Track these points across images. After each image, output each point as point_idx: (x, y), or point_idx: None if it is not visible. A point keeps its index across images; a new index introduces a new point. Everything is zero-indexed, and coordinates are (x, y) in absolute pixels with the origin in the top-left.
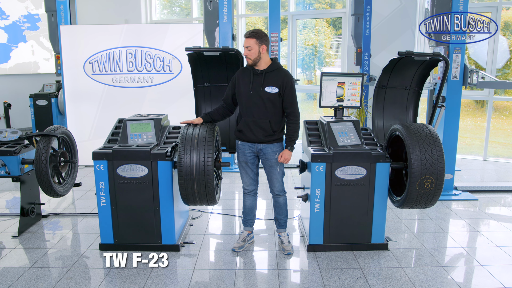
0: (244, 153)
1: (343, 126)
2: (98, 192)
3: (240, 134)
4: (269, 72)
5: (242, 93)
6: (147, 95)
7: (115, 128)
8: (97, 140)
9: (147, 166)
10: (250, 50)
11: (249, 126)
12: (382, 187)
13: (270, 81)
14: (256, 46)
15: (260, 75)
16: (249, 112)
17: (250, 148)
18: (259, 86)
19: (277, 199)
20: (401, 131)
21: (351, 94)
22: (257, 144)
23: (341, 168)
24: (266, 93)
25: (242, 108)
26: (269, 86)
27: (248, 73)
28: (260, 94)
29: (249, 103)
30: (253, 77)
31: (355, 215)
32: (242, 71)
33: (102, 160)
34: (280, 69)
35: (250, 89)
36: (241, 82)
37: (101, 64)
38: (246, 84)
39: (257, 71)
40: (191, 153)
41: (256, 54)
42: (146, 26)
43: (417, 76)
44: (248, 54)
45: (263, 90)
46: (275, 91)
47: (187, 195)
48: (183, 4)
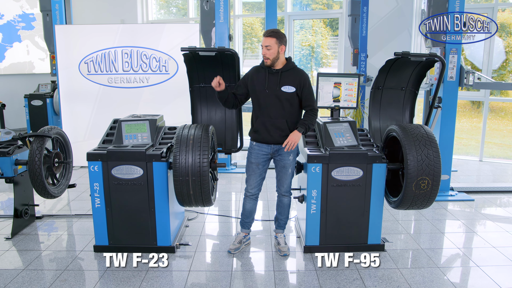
0: (258, 155)
1: (339, 127)
2: (92, 193)
3: (256, 135)
4: (285, 71)
5: (257, 93)
6: (143, 96)
7: (110, 129)
8: (92, 141)
9: (142, 167)
10: (269, 50)
11: (265, 126)
12: (378, 188)
13: (286, 80)
14: (275, 46)
15: (275, 74)
16: (265, 112)
17: (266, 149)
18: (275, 85)
19: (282, 199)
20: (397, 132)
21: (347, 95)
22: (274, 145)
23: (338, 169)
24: (283, 93)
25: (257, 108)
26: (285, 85)
27: (263, 72)
28: (277, 94)
29: (265, 103)
30: (269, 76)
31: (351, 216)
32: (255, 70)
33: (96, 161)
34: (295, 68)
35: (266, 89)
36: (256, 82)
37: (97, 64)
38: (261, 84)
39: (273, 70)
40: (187, 154)
41: (275, 54)
42: (142, 26)
43: (413, 77)
44: (266, 54)
45: (279, 89)
46: (292, 90)
47: (183, 197)
48: (180, 4)
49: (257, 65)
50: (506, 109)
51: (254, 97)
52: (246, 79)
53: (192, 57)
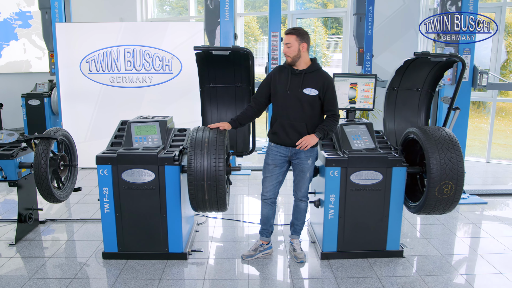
0: (275, 156)
1: (356, 129)
2: (101, 198)
3: (274, 137)
4: (309, 73)
5: (278, 93)
6: (145, 96)
7: (118, 131)
8: (93, 142)
9: (153, 171)
10: (290, 47)
11: (284, 128)
12: (398, 192)
13: (309, 82)
14: (296, 43)
15: (298, 75)
16: (284, 114)
17: (284, 151)
18: (297, 87)
19: (299, 204)
20: (418, 135)
21: (364, 96)
22: (293, 148)
23: (357, 172)
24: (305, 95)
25: (277, 109)
26: (308, 87)
27: (286, 72)
28: (298, 96)
29: (285, 104)
30: (291, 77)
31: (370, 221)
32: (279, 69)
33: (106, 165)
34: (320, 70)
35: (288, 89)
36: (278, 82)
37: (98, 63)
38: (283, 84)
39: (296, 70)
40: (202, 157)
41: (296, 51)
42: (145, 24)
43: (430, 77)
44: (287, 52)
45: (301, 91)
46: (314, 93)
47: (197, 202)
48: (174, 3)
49: (281, 64)
50: (507, 109)
51: (275, 97)
52: (269, 79)
53: (204, 57)
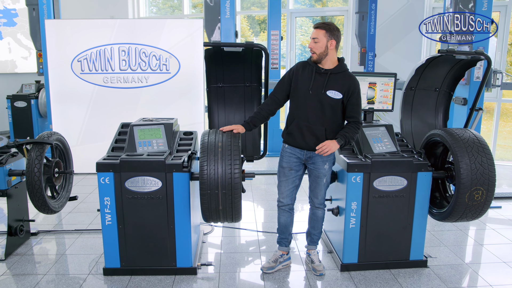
0: (290, 159)
1: (376, 132)
2: (102, 209)
3: (289, 138)
4: (335, 73)
5: (299, 92)
6: (141, 97)
7: (119, 134)
8: (86, 145)
9: (160, 178)
10: (317, 43)
11: (301, 130)
12: (423, 198)
13: (334, 84)
14: (324, 39)
15: (323, 75)
16: (303, 115)
17: (299, 154)
18: (320, 87)
19: (315, 212)
20: (444, 137)
21: (382, 96)
22: (308, 151)
23: (380, 178)
24: (328, 98)
25: (296, 109)
26: (332, 89)
27: (310, 70)
28: (320, 98)
29: (305, 105)
30: (315, 75)
31: (393, 229)
32: (302, 66)
33: (107, 172)
34: (346, 72)
35: (310, 89)
36: (300, 79)
37: (91, 63)
38: (305, 82)
39: (321, 69)
40: (216, 163)
41: (323, 48)
42: (141, 21)
43: (449, 77)
44: (313, 47)
45: (324, 93)
46: (338, 96)
47: (210, 213)
48: (161, 3)
49: (304, 60)
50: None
51: (295, 95)
52: (291, 74)
53: (213, 54)
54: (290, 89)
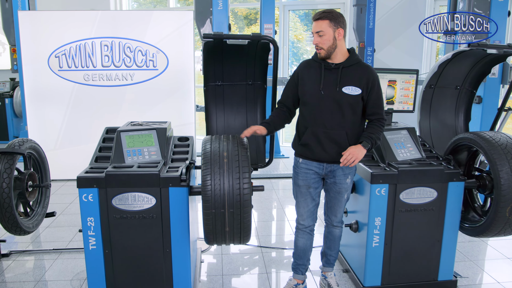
0: (307, 175)
1: (398, 136)
2: (85, 231)
3: (304, 150)
4: (348, 67)
5: (308, 94)
6: (126, 96)
7: (103, 141)
8: (65, 150)
9: (154, 194)
10: (322, 36)
11: (318, 139)
12: (454, 212)
13: (349, 78)
14: (330, 30)
15: (334, 71)
16: (318, 121)
17: (317, 169)
18: (333, 85)
19: (332, 231)
20: (478, 143)
21: (403, 95)
22: (328, 164)
23: (408, 190)
24: (345, 95)
25: (308, 115)
26: (348, 85)
27: (317, 67)
28: (336, 96)
29: (319, 108)
30: (325, 72)
31: (420, 247)
32: (307, 65)
33: (91, 188)
34: (361, 63)
35: (321, 89)
36: (307, 80)
37: (70, 59)
38: (314, 82)
39: (331, 65)
40: (221, 177)
41: (331, 41)
42: (125, 13)
43: (472, 74)
44: (319, 42)
45: (340, 90)
46: (356, 92)
47: (215, 235)
48: None
49: (308, 59)
50: None
51: (305, 100)
52: (296, 78)
53: (213, 48)
54: (298, 95)
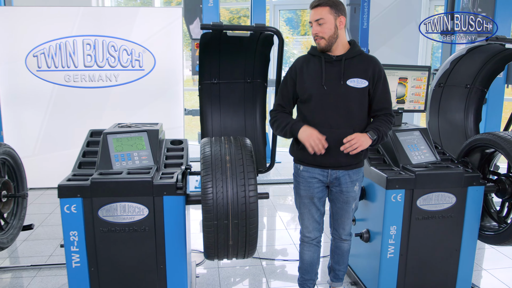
0: (310, 184)
1: (411, 137)
2: (67, 246)
3: (305, 155)
4: (351, 58)
5: (309, 91)
6: (110, 98)
7: (87, 145)
8: (44, 156)
9: (147, 204)
10: (323, 25)
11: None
12: (473, 218)
13: (354, 70)
14: (331, 18)
15: (337, 63)
16: (322, 120)
17: (321, 176)
18: (337, 78)
19: (341, 245)
20: (499, 144)
21: (414, 94)
22: (333, 170)
23: (425, 196)
24: (350, 89)
25: (308, 114)
26: (353, 77)
27: (316, 61)
28: (340, 91)
29: (322, 105)
30: (326, 66)
31: (437, 257)
32: (304, 60)
33: (74, 198)
34: (364, 54)
35: (324, 84)
36: (306, 76)
37: (50, 58)
38: (315, 77)
39: (332, 57)
40: (224, 184)
41: (332, 30)
42: (110, 10)
43: (484, 72)
44: (319, 31)
45: (344, 83)
46: (363, 85)
47: (217, 249)
48: None
49: (304, 54)
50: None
51: (305, 97)
52: (293, 75)
53: (210, 41)
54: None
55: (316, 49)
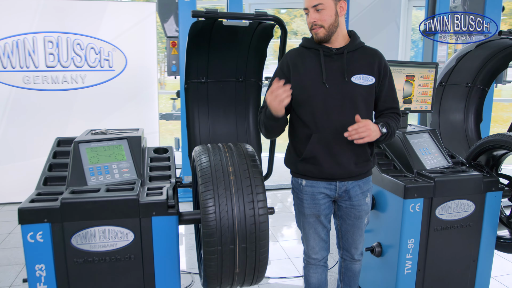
0: (315, 201)
1: (421, 140)
2: (32, 283)
3: (309, 167)
4: (353, 51)
5: (308, 91)
6: (76, 101)
7: (54, 157)
8: (3, 167)
9: (132, 227)
10: (322, 11)
11: (329, 148)
12: (491, 226)
13: (358, 65)
14: (331, 3)
15: (338, 57)
16: (326, 123)
17: (328, 190)
18: (339, 75)
19: (351, 267)
20: None
21: (421, 93)
22: (341, 182)
23: (444, 204)
24: (356, 87)
25: (308, 118)
26: (358, 73)
27: (313, 55)
28: (345, 89)
29: (325, 107)
30: (325, 60)
31: (454, 270)
32: (298, 54)
33: (40, 224)
34: (366, 46)
35: (325, 81)
36: (302, 73)
37: (5, 57)
38: (314, 74)
39: (331, 50)
40: (228, 201)
41: (333, 17)
42: (75, 3)
43: (486, 70)
44: (318, 19)
45: (349, 81)
46: (370, 81)
47: (220, 279)
48: None
49: (295, 47)
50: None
51: (302, 98)
52: (286, 71)
53: (200, 33)
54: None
55: (310, 41)
